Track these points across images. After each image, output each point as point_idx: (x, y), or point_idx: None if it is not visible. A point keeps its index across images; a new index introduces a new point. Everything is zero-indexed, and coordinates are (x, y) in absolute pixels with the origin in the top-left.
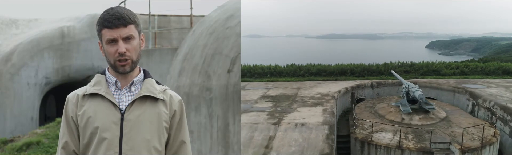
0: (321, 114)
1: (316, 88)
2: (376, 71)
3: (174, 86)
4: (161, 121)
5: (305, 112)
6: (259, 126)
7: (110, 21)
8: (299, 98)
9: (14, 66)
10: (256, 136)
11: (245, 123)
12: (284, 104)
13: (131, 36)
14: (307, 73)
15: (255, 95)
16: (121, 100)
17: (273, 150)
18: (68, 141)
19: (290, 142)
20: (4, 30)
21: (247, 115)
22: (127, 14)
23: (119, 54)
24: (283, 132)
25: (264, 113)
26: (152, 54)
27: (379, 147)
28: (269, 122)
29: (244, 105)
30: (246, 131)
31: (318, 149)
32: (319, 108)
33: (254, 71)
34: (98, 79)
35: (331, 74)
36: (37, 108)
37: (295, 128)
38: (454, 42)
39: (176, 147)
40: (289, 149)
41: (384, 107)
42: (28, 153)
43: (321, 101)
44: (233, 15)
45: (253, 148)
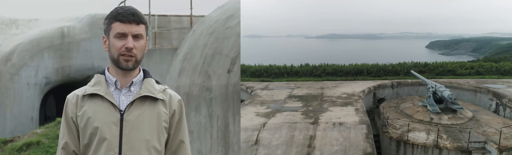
0: (355, 113)
1: (339, 87)
2: (392, 71)
3: (174, 86)
4: (160, 121)
5: (338, 111)
6: (297, 125)
7: (124, 15)
8: (326, 98)
9: (14, 66)
10: (296, 136)
11: (283, 123)
12: (314, 103)
13: (140, 35)
14: (323, 73)
15: (281, 94)
16: (120, 100)
17: (316, 149)
18: (68, 141)
19: (331, 141)
20: (4, 30)
21: (282, 115)
22: (141, 13)
23: (126, 49)
24: (323, 132)
25: (298, 113)
26: (152, 54)
27: (415, 146)
28: (306, 122)
29: (275, 105)
30: (285, 130)
31: (360, 149)
32: (350, 108)
33: (271, 71)
34: (97, 79)
35: (347, 74)
36: (37, 108)
37: (333, 128)
38: (454, 42)
39: (175, 147)
40: (332, 148)
41: (409, 107)
42: (28, 153)
43: (349, 100)
44: (233, 15)
45: (296, 147)
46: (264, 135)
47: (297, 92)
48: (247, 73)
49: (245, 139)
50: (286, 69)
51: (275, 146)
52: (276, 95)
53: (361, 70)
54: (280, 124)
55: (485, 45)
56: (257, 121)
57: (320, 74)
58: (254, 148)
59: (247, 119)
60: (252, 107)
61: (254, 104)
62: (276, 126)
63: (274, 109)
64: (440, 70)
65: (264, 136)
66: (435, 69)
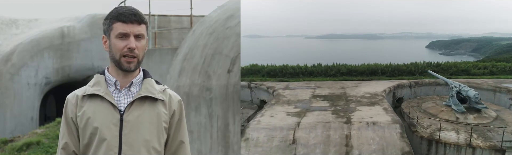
0: (385, 113)
1: (360, 87)
2: (406, 71)
3: (174, 86)
4: (160, 122)
5: (367, 111)
6: (331, 125)
7: (126, 16)
8: (351, 98)
9: (14, 66)
10: (332, 135)
11: (316, 122)
12: (340, 103)
13: (142, 35)
14: (338, 73)
15: (304, 94)
16: (120, 100)
17: (354, 149)
18: (68, 141)
19: (368, 141)
20: (4, 30)
21: (313, 114)
22: (141, 13)
23: (129, 49)
24: (357, 131)
25: (328, 112)
26: (152, 54)
27: (448, 146)
28: (339, 121)
29: (301, 104)
30: (320, 129)
31: (398, 148)
32: (378, 107)
33: (286, 71)
34: (97, 79)
35: (362, 74)
36: (37, 108)
37: (367, 127)
38: (455, 42)
39: (175, 147)
40: (369, 147)
41: (432, 106)
42: (28, 153)
43: (374, 100)
44: (233, 15)
45: (334, 146)
46: (300, 134)
47: (319, 92)
48: (262, 73)
49: (282, 138)
50: (300, 69)
51: (313, 145)
52: (299, 94)
53: (376, 70)
54: (314, 123)
55: (486, 45)
56: (290, 120)
57: (335, 74)
58: (292, 147)
59: (279, 119)
60: (280, 106)
61: (281, 103)
62: (310, 125)
63: (303, 109)
64: (454, 70)
65: (300, 135)
66: (449, 69)
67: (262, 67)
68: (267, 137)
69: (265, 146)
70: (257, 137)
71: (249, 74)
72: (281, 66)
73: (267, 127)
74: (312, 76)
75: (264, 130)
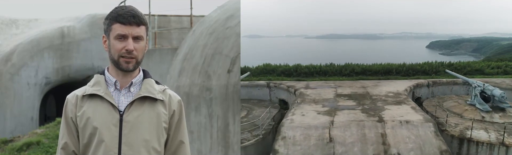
0: (414, 111)
1: (380, 87)
2: (420, 71)
3: (174, 86)
4: (160, 122)
5: (396, 110)
6: (365, 123)
7: (125, 17)
8: (375, 97)
9: (14, 66)
10: (367, 133)
11: (349, 121)
12: (366, 102)
13: (141, 37)
14: (352, 73)
15: (327, 93)
16: (120, 100)
17: (392, 147)
18: (68, 141)
19: (404, 139)
20: (4, 30)
21: (343, 113)
22: (141, 14)
23: (127, 51)
24: (391, 129)
25: (358, 111)
26: (152, 54)
27: (480, 144)
28: (372, 120)
29: (328, 103)
30: (355, 128)
31: (434, 146)
32: (406, 106)
33: (301, 71)
34: (97, 79)
35: (376, 74)
36: (37, 108)
37: (401, 126)
38: (455, 42)
39: (174, 147)
40: (406, 146)
41: (455, 106)
42: (28, 153)
43: (399, 99)
44: (233, 15)
45: (371, 144)
46: (335, 133)
47: (342, 91)
48: (276, 73)
49: (318, 137)
50: (315, 69)
51: (350, 144)
52: (322, 93)
53: (390, 70)
54: (347, 122)
55: (486, 46)
56: (322, 119)
57: (350, 73)
58: (330, 145)
59: (311, 117)
60: (307, 105)
61: (307, 102)
62: (344, 124)
63: (331, 108)
64: (468, 69)
65: (336, 134)
66: (463, 68)
67: (276, 67)
68: (303, 136)
69: (303, 144)
70: (293, 136)
71: (263, 74)
72: (294, 66)
73: (302, 125)
74: (327, 75)
75: (299, 129)
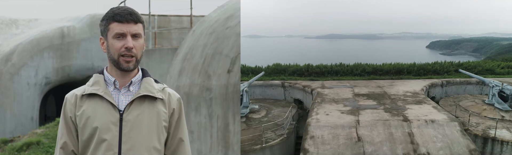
0: (437, 111)
1: (396, 86)
2: (431, 71)
3: (174, 86)
4: (160, 121)
5: (418, 109)
6: (391, 122)
7: (122, 15)
8: (394, 96)
9: (14, 66)
10: (394, 133)
11: (375, 120)
12: (386, 101)
13: (139, 34)
14: (363, 72)
15: (345, 93)
16: (119, 100)
17: (420, 146)
18: (67, 141)
19: (431, 138)
20: (4, 30)
21: (366, 112)
22: (137, 12)
23: (126, 49)
24: (418, 129)
25: (380, 110)
26: (152, 54)
27: (505, 143)
28: (397, 119)
29: (349, 103)
30: (381, 127)
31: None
32: (427, 106)
33: (312, 71)
34: (96, 78)
35: (387, 74)
36: (37, 108)
37: (427, 125)
38: (455, 42)
39: (174, 145)
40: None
41: (473, 105)
42: (28, 153)
43: (418, 99)
44: (233, 15)
45: (400, 144)
46: (363, 132)
47: (359, 91)
48: (287, 72)
49: (346, 136)
50: (326, 69)
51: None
52: (340, 93)
53: (401, 70)
54: (373, 122)
55: (486, 46)
56: (347, 118)
57: (361, 73)
58: (359, 144)
59: (336, 117)
60: (329, 105)
61: (328, 102)
62: (370, 123)
63: (353, 107)
64: (479, 69)
65: (363, 133)
66: (473, 68)
67: (287, 67)
68: (332, 135)
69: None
70: (321, 135)
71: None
72: (305, 66)
73: (328, 125)
74: (338, 75)
75: (326, 128)
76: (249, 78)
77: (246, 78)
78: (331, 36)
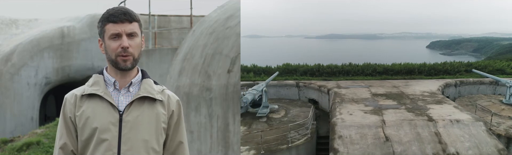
0: (459, 111)
1: (411, 86)
2: (441, 71)
3: (174, 86)
4: (159, 122)
5: (439, 109)
6: (416, 122)
7: (116, 16)
8: (412, 96)
9: (14, 66)
10: (421, 132)
11: (400, 120)
12: (406, 101)
13: (134, 33)
14: (374, 72)
15: (363, 93)
16: (119, 100)
17: (449, 146)
18: (67, 141)
19: (458, 138)
20: (4, 30)
21: (389, 112)
22: (132, 11)
23: (122, 49)
24: (444, 128)
25: (403, 110)
26: (152, 54)
27: None
28: (422, 119)
29: (369, 103)
30: (407, 127)
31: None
32: (448, 106)
33: (323, 71)
34: (96, 79)
35: (398, 74)
36: (37, 108)
37: (452, 125)
38: (455, 42)
39: (174, 148)
40: (463, 144)
41: (491, 105)
42: (28, 153)
43: (437, 98)
44: (233, 15)
45: (428, 143)
46: (390, 132)
47: (376, 90)
48: (298, 72)
49: (374, 136)
50: (337, 69)
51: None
52: (358, 93)
53: (412, 70)
54: (398, 121)
55: (487, 46)
56: (372, 118)
57: (372, 73)
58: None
59: (360, 117)
60: (350, 104)
61: (348, 102)
62: (395, 123)
63: (375, 107)
64: (489, 69)
65: (390, 133)
66: (484, 68)
67: (297, 67)
68: (359, 135)
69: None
70: (349, 135)
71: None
72: (315, 66)
73: (354, 124)
74: (350, 75)
75: (353, 128)
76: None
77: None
78: (331, 36)
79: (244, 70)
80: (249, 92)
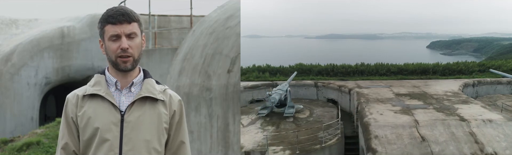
0: (488, 111)
1: (432, 86)
2: (456, 71)
3: (174, 86)
4: (161, 122)
5: (468, 109)
6: (449, 122)
7: (114, 17)
8: (436, 96)
9: (14, 66)
10: (456, 132)
11: (432, 120)
12: (432, 101)
13: (134, 33)
14: (388, 72)
15: (385, 93)
16: (121, 100)
17: (486, 145)
18: (68, 141)
19: (494, 138)
20: (4, 30)
21: (419, 112)
22: (131, 11)
23: (122, 50)
24: (477, 128)
25: (432, 110)
26: (152, 54)
27: None
28: (454, 119)
29: (395, 102)
30: (441, 127)
31: None
32: (475, 105)
33: (337, 71)
34: (97, 79)
35: (413, 73)
36: (37, 108)
37: (485, 124)
38: (456, 42)
39: (175, 148)
40: (499, 144)
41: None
42: (28, 153)
43: (462, 98)
44: (233, 15)
45: (465, 143)
46: (424, 132)
47: (398, 90)
48: (313, 72)
49: (409, 136)
50: (351, 68)
51: (444, 143)
52: (381, 93)
53: (426, 70)
54: (431, 121)
55: (487, 46)
56: (404, 118)
57: (386, 73)
58: (425, 144)
59: (391, 116)
60: (376, 104)
61: (374, 102)
62: (429, 123)
63: (403, 107)
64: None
65: (425, 133)
66: (497, 68)
67: (312, 67)
68: (395, 135)
69: (398, 143)
70: (385, 135)
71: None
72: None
73: (387, 124)
74: (364, 75)
75: (387, 128)
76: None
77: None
78: (331, 36)
79: (259, 70)
80: (276, 92)
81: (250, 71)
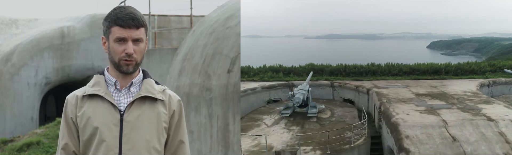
0: None
1: (449, 86)
2: (468, 71)
3: (174, 86)
4: (160, 122)
5: (491, 108)
6: (478, 122)
7: (124, 20)
8: (456, 96)
9: (14, 66)
10: (485, 132)
11: (460, 120)
12: (453, 101)
13: (140, 39)
14: (401, 72)
15: (405, 93)
16: (120, 100)
17: None
18: (68, 142)
19: None
20: (4, 30)
21: (444, 112)
22: (141, 16)
23: (126, 54)
24: (506, 128)
25: (456, 110)
26: (152, 54)
27: None
28: (481, 119)
29: (418, 102)
30: (470, 127)
31: None
32: (497, 105)
33: (349, 71)
34: (97, 79)
35: (425, 73)
36: (37, 108)
37: None
38: (456, 42)
39: (174, 147)
40: None
41: None
42: (28, 153)
43: (482, 98)
44: (233, 15)
45: (496, 143)
46: (454, 132)
47: (417, 90)
48: (325, 72)
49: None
50: (363, 68)
51: (475, 143)
52: (400, 93)
53: (438, 70)
54: (459, 121)
55: (487, 46)
56: (431, 118)
57: (398, 73)
58: (457, 144)
59: (418, 116)
60: (399, 104)
61: (396, 102)
62: (457, 123)
63: (426, 107)
64: None
65: (455, 133)
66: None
67: (324, 67)
68: (425, 135)
69: (430, 143)
70: (415, 135)
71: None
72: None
73: (416, 124)
74: (376, 75)
75: (416, 128)
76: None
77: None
78: (331, 36)
79: (272, 70)
80: (299, 92)
81: (263, 71)
